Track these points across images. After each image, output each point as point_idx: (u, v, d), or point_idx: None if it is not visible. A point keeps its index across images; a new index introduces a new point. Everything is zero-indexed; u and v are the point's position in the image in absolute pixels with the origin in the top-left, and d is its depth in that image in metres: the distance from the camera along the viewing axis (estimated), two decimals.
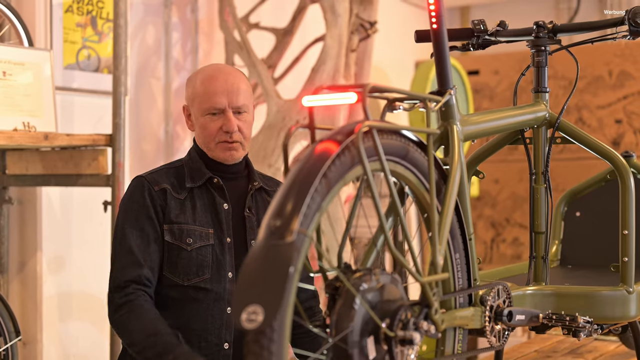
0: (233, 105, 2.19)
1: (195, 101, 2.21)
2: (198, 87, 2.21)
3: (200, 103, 2.19)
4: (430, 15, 1.68)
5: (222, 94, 2.18)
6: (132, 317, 2.06)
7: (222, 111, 2.18)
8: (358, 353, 1.36)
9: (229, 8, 4.02)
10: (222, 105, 2.18)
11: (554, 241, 2.60)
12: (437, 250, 1.53)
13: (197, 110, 2.21)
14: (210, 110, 2.18)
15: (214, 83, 2.19)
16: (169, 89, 4.03)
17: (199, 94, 2.20)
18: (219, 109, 2.18)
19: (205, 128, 2.20)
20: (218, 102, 2.18)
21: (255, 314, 1.17)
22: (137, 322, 2.05)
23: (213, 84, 2.19)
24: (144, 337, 2.03)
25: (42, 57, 2.90)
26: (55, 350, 3.38)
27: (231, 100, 2.19)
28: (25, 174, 3.14)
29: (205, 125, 2.19)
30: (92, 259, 3.48)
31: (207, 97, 2.18)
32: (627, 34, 2.04)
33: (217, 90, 2.18)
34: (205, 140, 2.21)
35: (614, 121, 5.28)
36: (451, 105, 1.76)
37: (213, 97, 2.18)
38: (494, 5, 6.15)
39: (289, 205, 1.26)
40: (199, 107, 2.20)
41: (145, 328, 2.04)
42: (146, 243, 2.13)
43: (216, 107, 2.18)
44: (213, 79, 2.20)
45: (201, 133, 2.21)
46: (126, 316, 2.07)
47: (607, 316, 2.03)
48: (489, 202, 5.71)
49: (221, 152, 2.20)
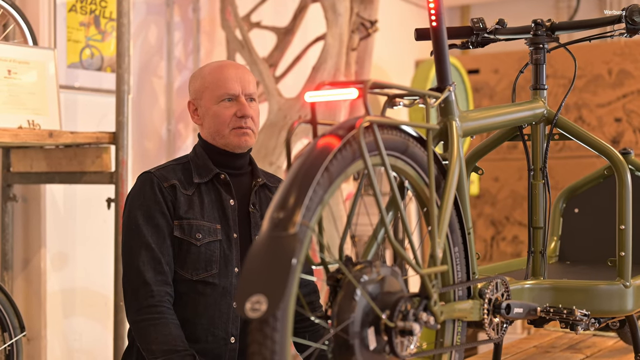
0: (245, 92, 2.22)
1: (206, 91, 2.22)
2: (207, 77, 2.23)
3: (213, 91, 2.21)
4: (430, 13, 1.71)
5: (234, 80, 2.21)
6: (156, 327, 2.08)
7: (236, 97, 2.20)
8: (359, 343, 1.39)
9: (231, 7, 4.05)
10: (236, 91, 2.20)
11: (553, 237, 2.63)
12: (436, 244, 1.56)
13: (208, 100, 2.22)
14: (224, 97, 2.20)
15: (225, 71, 2.22)
16: (171, 88, 4.06)
17: (210, 84, 2.21)
18: (233, 95, 2.20)
19: (219, 115, 2.21)
20: (232, 87, 2.20)
21: (259, 304, 1.20)
22: (159, 334, 2.08)
23: (224, 72, 2.21)
24: (162, 351, 2.06)
25: (46, 56, 2.93)
26: (59, 345, 3.41)
27: (244, 87, 2.21)
28: (30, 171, 3.16)
29: (218, 112, 2.21)
30: (96, 255, 3.51)
31: (221, 83, 2.20)
32: (624, 32, 2.07)
33: (229, 77, 2.21)
34: (219, 128, 2.21)
35: (613, 120, 5.31)
36: (450, 101, 1.79)
37: (226, 83, 2.20)
38: (494, 5, 6.17)
39: (291, 198, 1.29)
40: (212, 95, 2.21)
41: (166, 341, 2.07)
42: (162, 239, 2.15)
43: (230, 92, 2.20)
44: (223, 68, 2.23)
45: (214, 121, 2.22)
46: (149, 323, 2.09)
47: (604, 310, 2.05)
48: (489, 200, 5.74)
49: (235, 138, 2.21)
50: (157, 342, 2.08)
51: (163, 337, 2.08)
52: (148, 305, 2.10)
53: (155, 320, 2.09)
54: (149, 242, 2.13)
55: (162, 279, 2.12)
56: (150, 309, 2.10)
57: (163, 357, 2.06)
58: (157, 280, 2.12)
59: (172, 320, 2.11)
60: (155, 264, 2.12)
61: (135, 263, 2.13)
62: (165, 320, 2.09)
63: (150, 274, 2.11)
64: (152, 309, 2.10)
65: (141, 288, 2.11)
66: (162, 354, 2.07)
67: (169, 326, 2.09)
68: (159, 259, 2.13)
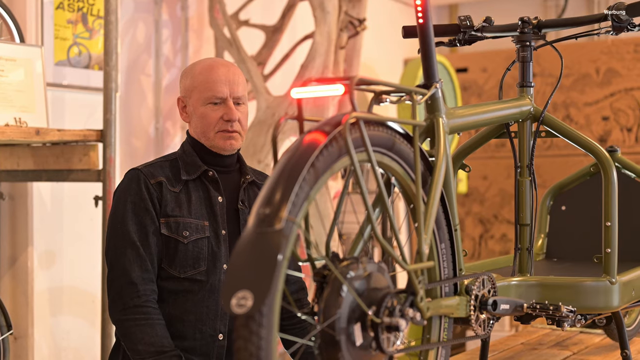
0: (234, 95, 2.21)
1: (195, 91, 2.21)
2: (197, 76, 2.21)
3: (201, 92, 2.20)
4: (417, 10, 1.71)
5: (223, 83, 2.20)
6: (142, 327, 2.08)
7: (224, 100, 2.20)
8: (345, 339, 1.39)
9: (219, 5, 4.04)
10: (224, 95, 2.19)
11: (540, 235, 2.64)
12: (422, 240, 1.56)
13: (196, 100, 2.21)
14: (211, 100, 2.19)
15: (214, 72, 2.20)
16: (159, 86, 4.05)
17: (199, 83, 2.20)
18: (220, 98, 2.19)
19: (205, 117, 2.20)
20: (220, 90, 2.19)
21: (245, 299, 1.20)
22: (145, 334, 2.08)
23: (214, 74, 2.20)
24: (149, 352, 2.06)
25: (33, 54, 2.92)
26: (46, 344, 3.40)
27: (232, 90, 2.20)
28: (17, 169, 3.15)
29: (205, 114, 2.20)
30: (83, 253, 3.50)
31: (209, 85, 2.19)
32: (610, 29, 2.08)
33: (218, 79, 2.19)
34: (205, 130, 2.21)
35: (601, 118, 5.33)
36: (437, 98, 1.79)
37: (215, 86, 2.19)
38: (481, 3, 6.19)
39: (278, 194, 1.29)
40: (200, 96, 2.20)
41: (153, 342, 2.07)
42: (145, 236, 2.14)
43: (218, 95, 2.19)
44: (214, 68, 2.21)
45: (200, 122, 2.21)
46: (135, 323, 2.08)
47: (590, 306, 2.06)
48: (478, 198, 5.75)
49: (221, 141, 2.21)
50: (143, 343, 2.07)
51: (149, 337, 2.07)
52: (134, 305, 2.10)
53: (141, 321, 2.09)
54: (134, 239, 2.13)
55: (148, 277, 2.12)
56: (136, 309, 2.09)
57: (150, 357, 2.06)
58: (143, 278, 2.11)
59: (158, 321, 2.10)
60: (141, 261, 2.12)
61: (121, 261, 2.13)
62: (151, 321, 2.09)
63: (136, 273, 2.11)
64: (138, 309, 2.09)
65: (127, 287, 2.11)
66: (149, 355, 2.06)
67: (155, 327, 2.09)
68: (144, 257, 2.12)
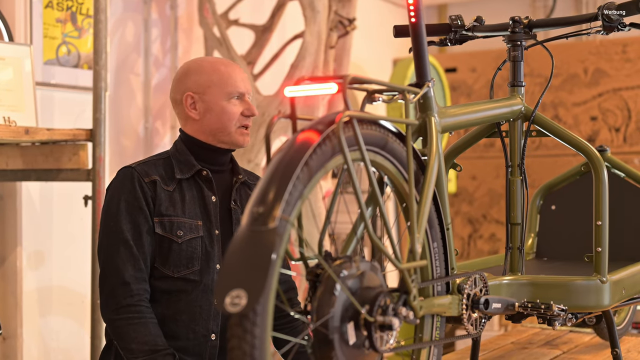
0: (249, 92, 2.23)
1: (214, 86, 2.19)
2: (212, 72, 2.20)
3: (222, 87, 2.19)
4: (409, 9, 1.71)
5: (241, 79, 2.22)
6: (135, 326, 2.07)
7: (242, 96, 2.21)
8: (338, 338, 1.39)
9: (209, 5, 4.04)
10: (244, 90, 2.21)
11: (530, 234, 2.64)
12: (415, 239, 1.56)
13: (216, 95, 2.19)
14: (233, 94, 2.19)
15: (230, 68, 2.22)
16: (149, 85, 4.04)
17: (218, 79, 2.19)
18: (241, 93, 2.20)
19: (226, 112, 2.19)
20: (241, 86, 2.20)
21: (239, 298, 1.20)
22: (139, 333, 2.07)
23: (230, 69, 2.21)
24: (142, 351, 2.06)
25: (22, 52, 2.90)
26: (35, 344, 3.39)
27: (247, 87, 2.23)
28: (6, 169, 3.13)
29: (226, 109, 2.19)
30: (73, 253, 3.48)
31: (231, 81, 2.19)
32: (600, 29, 2.08)
33: (235, 75, 2.21)
34: (226, 125, 2.19)
35: (589, 118, 5.35)
36: (429, 97, 1.80)
37: (236, 81, 2.20)
38: (471, 4, 6.20)
39: (271, 193, 1.29)
40: (221, 91, 2.19)
41: (146, 341, 2.06)
42: (139, 235, 2.13)
43: (240, 90, 2.20)
44: (225, 64, 2.23)
45: (219, 118, 2.19)
46: (128, 322, 2.08)
47: (581, 305, 2.07)
48: (467, 198, 5.76)
49: (240, 136, 2.21)
50: (136, 342, 2.07)
51: (143, 336, 2.07)
52: (127, 304, 2.09)
53: (134, 320, 2.08)
54: (127, 238, 2.12)
55: (141, 277, 2.11)
56: (129, 309, 2.09)
57: (144, 356, 2.06)
58: (136, 278, 2.10)
59: (151, 320, 2.10)
60: (134, 261, 2.11)
61: (114, 260, 2.12)
62: (144, 320, 2.09)
63: (129, 272, 2.10)
64: (131, 309, 2.09)
65: (120, 286, 2.10)
66: (142, 354, 2.06)
67: (149, 325, 2.09)
68: (137, 256, 2.11)
